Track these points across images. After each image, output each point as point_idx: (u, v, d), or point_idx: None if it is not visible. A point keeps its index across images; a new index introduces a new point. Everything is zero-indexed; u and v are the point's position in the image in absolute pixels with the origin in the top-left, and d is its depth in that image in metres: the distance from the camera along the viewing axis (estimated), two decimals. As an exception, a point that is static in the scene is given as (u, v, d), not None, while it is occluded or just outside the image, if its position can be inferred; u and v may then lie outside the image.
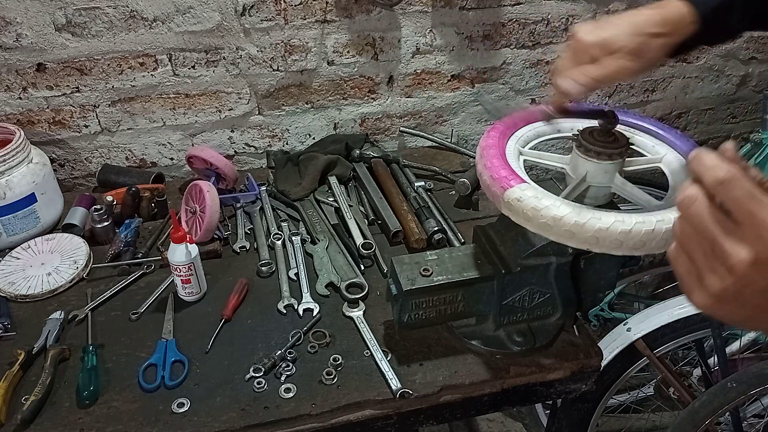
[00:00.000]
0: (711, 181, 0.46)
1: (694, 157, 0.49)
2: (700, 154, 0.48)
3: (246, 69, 1.49)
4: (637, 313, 1.46)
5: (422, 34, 1.55)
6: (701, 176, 0.47)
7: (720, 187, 0.46)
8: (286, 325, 1.10)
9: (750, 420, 1.57)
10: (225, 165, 1.39)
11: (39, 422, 0.92)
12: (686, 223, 0.49)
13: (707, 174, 0.47)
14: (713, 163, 0.47)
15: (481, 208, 1.41)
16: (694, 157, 0.49)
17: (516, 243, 0.94)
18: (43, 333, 1.05)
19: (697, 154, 0.48)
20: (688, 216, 0.49)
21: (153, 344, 1.05)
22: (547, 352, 1.04)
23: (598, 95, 1.80)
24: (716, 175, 0.46)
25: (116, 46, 1.39)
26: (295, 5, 1.43)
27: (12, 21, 1.31)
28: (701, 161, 0.48)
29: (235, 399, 0.96)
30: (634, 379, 1.66)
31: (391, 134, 1.71)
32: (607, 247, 0.77)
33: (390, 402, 0.97)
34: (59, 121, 1.46)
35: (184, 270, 1.10)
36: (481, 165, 0.89)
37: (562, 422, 1.21)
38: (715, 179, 0.46)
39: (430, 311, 0.98)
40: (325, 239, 1.29)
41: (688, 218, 0.49)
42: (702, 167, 0.47)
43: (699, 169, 0.48)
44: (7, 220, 1.25)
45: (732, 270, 0.45)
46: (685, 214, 0.49)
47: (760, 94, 1.92)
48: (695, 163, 0.48)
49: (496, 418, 2.00)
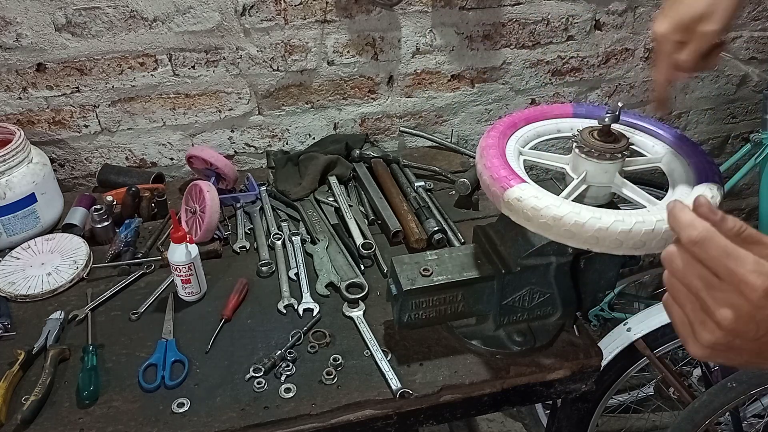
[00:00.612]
0: (686, 241, 0.48)
1: (669, 211, 0.50)
2: (675, 210, 0.49)
3: (246, 69, 1.49)
4: (637, 313, 1.46)
5: (422, 34, 1.55)
6: (678, 234, 0.49)
7: (695, 247, 0.47)
8: (286, 325, 1.10)
9: (750, 420, 1.57)
10: (225, 165, 1.39)
11: (39, 422, 0.92)
12: (672, 278, 0.50)
13: (682, 233, 0.48)
14: (687, 222, 0.48)
15: (481, 208, 1.41)
16: (670, 213, 0.50)
17: (516, 243, 0.94)
18: (43, 333, 1.05)
19: (672, 210, 0.49)
20: (671, 271, 0.50)
21: (153, 344, 1.05)
22: (547, 352, 1.04)
23: (598, 95, 1.81)
24: (689, 235, 0.47)
25: (116, 46, 1.39)
26: (295, 5, 1.43)
27: (12, 21, 1.31)
28: (676, 218, 0.49)
29: (235, 399, 0.96)
30: (634, 379, 1.67)
31: (391, 134, 1.71)
32: (607, 247, 0.77)
33: (390, 402, 0.97)
34: (59, 121, 1.46)
35: (184, 270, 1.10)
36: (481, 165, 0.89)
37: (562, 422, 1.21)
38: (689, 239, 0.47)
39: (430, 311, 0.98)
40: (325, 239, 1.29)
41: (673, 273, 0.50)
42: (677, 225, 0.49)
43: (674, 227, 0.49)
44: (7, 220, 1.25)
45: (719, 325, 0.46)
46: (669, 269, 0.50)
47: (760, 94, 1.92)
48: (671, 220, 0.49)
49: (496, 418, 2.00)
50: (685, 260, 0.48)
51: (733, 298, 0.46)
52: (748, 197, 2.20)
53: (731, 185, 1.75)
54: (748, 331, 0.46)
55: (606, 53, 1.72)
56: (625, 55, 1.74)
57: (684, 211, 0.49)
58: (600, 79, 1.77)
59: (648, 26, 1.70)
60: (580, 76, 1.74)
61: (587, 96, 1.80)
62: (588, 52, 1.71)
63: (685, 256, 0.49)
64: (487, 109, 1.74)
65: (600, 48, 1.71)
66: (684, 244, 0.48)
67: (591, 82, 1.77)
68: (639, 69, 1.78)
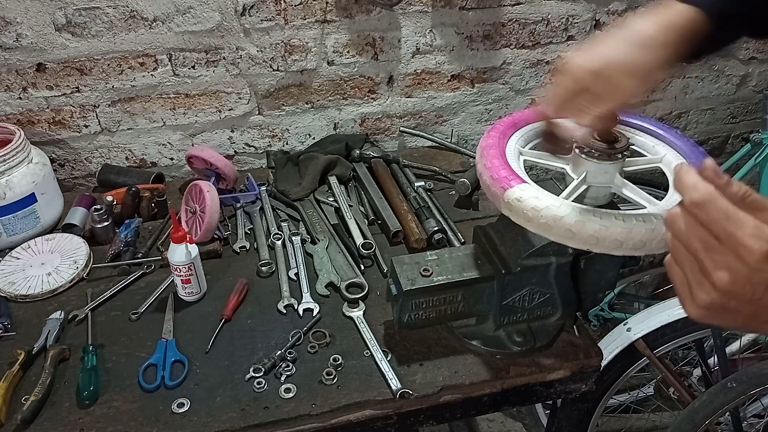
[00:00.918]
0: (688, 203, 0.48)
1: (676, 173, 0.50)
2: (680, 173, 0.50)
3: (246, 69, 1.49)
4: (637, 313, 1.46)
5: (422, 34, 1.55)
6: (682, 195, 0.49)
7: (696, 209, 0.48)
8: (286, 325, 1.10)
9: (750, 420, 1.57)
10: (225, 165, 1.39)
11: (39, 422, 0.92)
12: (674, 239, 0.51)
13: (685, 195, 0.49)
14: (691, 184, 0.48)
15: (481, 208, 1.41)
16: (676, 175, 0.50)
17: (516, 243, 0.94)
18: (43, 333, 1.05)
19: (678, 172, 0.50)
20: (673, 232, 0.50)
21: (153, 344, 1.05)
22: (547, 352, 1.04)
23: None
24: (692, 197, 0.48)
25: (116, 46, 1.39)
26: (295, 5, 1.43)
27: (12, 21, 1.31)
28: (681, 180, 0.49)
29: (235, 399, 0.96)
30: (634, 379, 1.66)
31: (391, 134, 1.71)
32: (607, 247, 0.77)
33: (390, 402, 0.97)
34: (59, 121, 1.46)
35: (184, 270, 1.10)
36: (481, 165, 0.89)
37: (562, 422, 1.21)
38: (691, 201, 0.48)
39: (430, 311, 0.98)
40: (325, 239, 1.29)
41: (675, 234, 0.50)
42: (681, 187, 0.49)
43: (679, 188, 0.50)
44: (7, 220, 1.25)
45: (715, 286, 0.47)
46: (671, 230, 0.51)
47: (760, 94, 1.92)
48: (676, 182, 0.50)
49: (496, 418, 2.00)
50: (687, 222, 0.49)
51: (731, 261, 0.46)
52: (748, 197, 2.20)
53: (731, 185, 1.75)
54: (744, 294, 0.46)
55: (606, 53, 1.72)
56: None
57: (689, 173, 0.49)
58: (600, 79, 1.77)
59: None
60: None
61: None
62: (588, 52, 1.70)
63: (687, 218, 0.49)
64: (487, 109, 1.74)
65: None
66: (686, 206, 0.49)
67: (591, 82, 1.77)
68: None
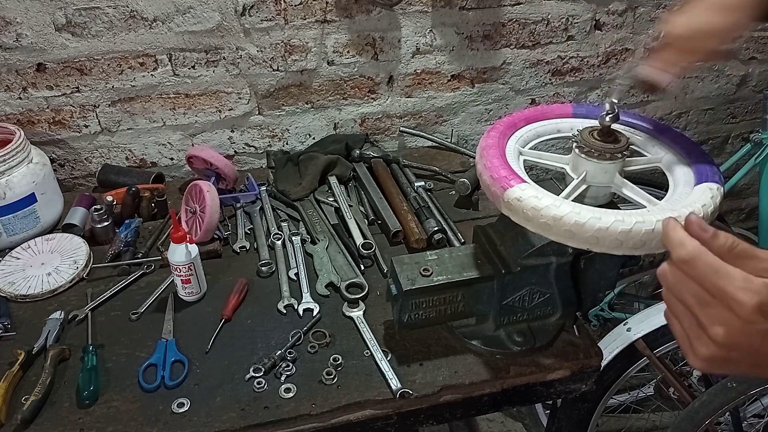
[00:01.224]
0: (676, 260, 0.49)
1: (663, 229, 0.52)
2: (667, 228, 0.51)
3: (246, 69, 1.49)
4: (637, 313, 1.46)
5: (422, 34, 1.55)
6: (670, 252, 0.50)
7: (685, 266, 0.49)
8: (286, 325, 1.10)
9: (750, 420, 1.57)
10: (225, 165, 1.39)
11: (39, 422, 0.92)
12: (669, 293, 0.52)
13: (673, 252, 0.50)
14: (678, 241, 0.49)
15: (481, 208, 1.41)
16: (663, 230, 0.52)
17: (516, 243, 0.94)
18: (43, 333, 1.05)
19: (665, 228, 0.51)
20: (667, 287, 0.51)
21: (153, 344, 1.05)
22: (547, 352, 1.04)
23: (598, 95, 1.81)
24: (679, 254, 0.49)
25: (116, 46, 1.39)
26: (295, 5, 1.43)
27: (12, 21, 1.31)
28: (667, 236, 0.51)
29: (235, 399, 0.96)
30: (634, 379, 1.66)
31: (391, 134, 1.71)
32: (607, 247, 0.77)
33: (390, 402, 0.97)
34: (59, 121, 1.46)
35: (184, 270, 1.10)
36: (481, 165, 0.89)
37: (562, 422, 1.21)
38: (678, 259, 0.49)
39: (430, 311, 0.98)
40: (325, 239, 1.29)
41: (668, 289, 0.51)
42: (668, 243, 0.51)
43: (666, 245, 0.51)
44: (7, 220, 1.25)
45: (713, 341, 0.48)
46: (665, 285, 0.52)
47: (760, 94, 1.92)
48: (663, 238, 0.51)
49: (496, 418, 2.00)
50: (678, 277, 0.50)
51: (725, 315, 0.47)
52: (748, 197, 2.20)
53: (731, 185, 1.75)
54: (742, 346, 0.47)
55: (606, 53, 1.72)
56: (625, 55, 1.74)
57: (675, 230, 0.50)
58: (600, 79, 1.77)
59: (649, 26, 1.70)
60: (580, 76, 1.74)
61: (587, 96, 1.80)
62: (588, 52, 1.71)
63: (677, 274, 0.50)
64: (487, 109, 1.74)
65: (600, 48, 1.71)
66: (675, 263, 0.50)
67: (591, 82, 1.77)
68: (639, 69, 1.78)
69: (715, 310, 0.47)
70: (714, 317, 0.47)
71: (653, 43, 0.84)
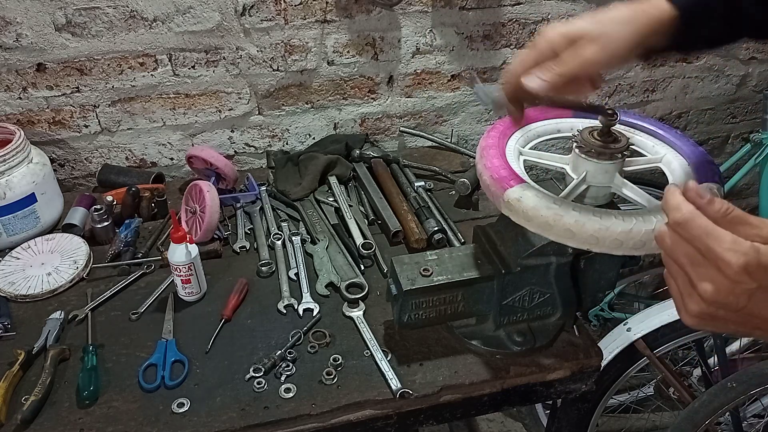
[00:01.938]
0: (672, 222, 0.53)
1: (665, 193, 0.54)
2: (667, 194, 0.54)
3: (246, 69, 1.49)
4: (637, 313, 1.46)
5: (422, 34, 1.55)
6: (667, 215, 0.53)
7: (679, 228, 0.52)
8: (286, 325, 1.10)
9: (750, 420, 1.57)
10: (225, 165, 1.39)
11: (39, 422, 0.92)
12: (665, 255, 0.55)
13: (669, 215, 0.53)
14: (675, 204, 0.52)
15: (481, 208, 1.41)
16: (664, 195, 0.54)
17: (516, 243, 0.94)
18: (43, 333, 1.05)
19: (666, 193, 0.54)
20: (663, 249, 0.55)
21: (153, 344, 1.05)
22: (547, 352, 1.04)
23: (598, 95, 1.80)
24: (674, 217, 0.52)
25: (116, 46, 1.39)
26: (295, 5, 1.43)
27: (12, 21, 1.31)
28: (666, 201, 0.54)
29: (235, 399, 0.96)
30: (634, 379, 1.67)
31: (391, 134, 1.71)
32: (607, 247, 0.77)
33: (390, 402, 0.97)
34: (59, 121, 1.46)
35: (184, 270, 1.10)
36: (481, 165, 0.89)
37: (562, 422, 1.21)
38: (673, 221, 0.52)
39: (430, 311, 0.98)
40: (325, 239, 1.29)
41: (665, 251, 0.55)
42: (666, 207, 0.53)
43: (664, 208, 0.54)
44: (7, 220, 1.25)
45: (702, 297, 0.51)
46: (661, 247, 0.55)
47: (760, 94, 1.92)
48: (663, 202, 0.54)
49: (496, 418, 2.00)
50: (673, 239, 0.53)
51: (713, 274, 0.50)
52: (748, 197, 2.20)
53: (731, 185, 1.75)
54: (729, 304, 0.50)
55: (606, 53, 1.72)
56: (625, 55, 1.74)
57: (673, 194, 0.53)
58: (600, 79, 1.77)
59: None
60: (580, 76, 1.74)
61: (587, 96, 1.80)
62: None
63: (673, 236, 0.53)
64: (487, 109, 1.74)
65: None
66: (671, 225, 0.53)
67: (591, 82, 1.77)
68: (639, 69, 1.78)
69: (704, 269, 0.50)
70: (704, 275, 0.50)
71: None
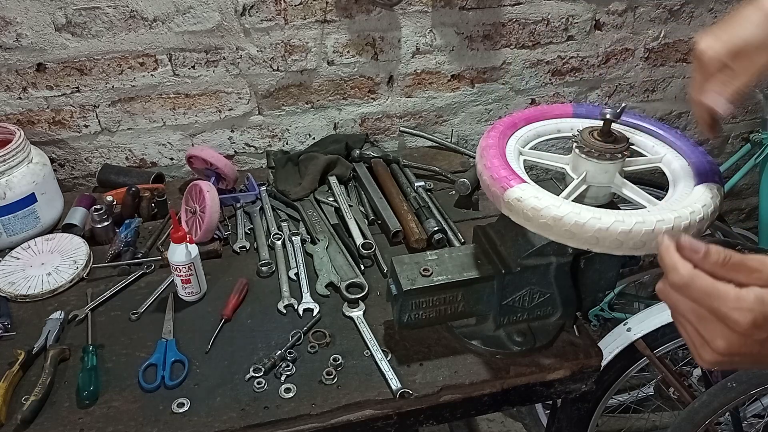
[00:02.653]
0: (671, 285, 0.52)
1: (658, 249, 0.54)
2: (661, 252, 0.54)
3: (246, 69, 1.49)
4: (637, 313, 1.46)
5: (422, 34, 1.55)
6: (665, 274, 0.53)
7: (680, 291, 0.52)
8: (286, 325, 1.10)
9: (750, 420, 1.57)
10: (225, 165, 1.39)
11: (39, 422, 0.92)
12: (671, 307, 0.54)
13: (668, 277, 0.53)
14: (671, 265, 0.52)
15: (481, 208, 1.41)
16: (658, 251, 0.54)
17: (516, 243, 0.94)
18: (43, 333, 1.05)
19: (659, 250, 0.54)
20: (668, 305, 0.54)
21: (153, 344, 1.05)
22: (547, 352, 1.04)
23: (598, 95, 1.81)
24: (673, 280, 0.52)
25: (116, 46, 1.39)
26: (295, 5, 1.43)
27: (12, 21, 1.31)
28: (662, 261, 0.53)
29: (235, 399, 0.96)
30: (634, 379, 1.66)
31: (391, 134, 1.71)
32: (607, 247, 0.77)
33: (390, 402, 0.97)
34: (59, 121, 1.46)
35: (184, 270, 1.10)
36: (481, 165, 0.89)
37: (562, 422, 1.21)
38: (673, 284, 0.52)
39: (430, 311, 0.98)
40: (325, 239, 1.29)
41: (669, 306, 0.54)
42: (663, 266, 0.53)
43: (661, 267, 0.54)
44: (7, 220, 1.25)
45: (716, 351, 0.51)
46: (665, 302, 0.54)
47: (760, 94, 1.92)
48: (659, 260, 0.54)
49: (496, 418, 2.00)
50: (676, 298, 0.53)
51: (723, 330, 0.50)
52: (748, 197, 2.20)
53: (731, 185, 1.75)
54: (744, 353, 0.50)
55: (606, 53, 1.72)
56: (625, 55, 1.74)
57: (668, 254, 0.53)
58: (600, 79, 1.77)
59: (649, 26, 1.70)
60: (580, 76, 1.74)
61: (587, 96, 1.80)
62: (588, 52, 1.71)
63: (675, 295, 0.53)
64: (487, 109, 1.74)
65: (600, 48, 1.71)
66: (671, 287, 0.53)
67: (591, 82, 1.77)
68: (639, 69, 1.78)
69: (713, 326, 0.50)
70: (713, 332, 0.50)
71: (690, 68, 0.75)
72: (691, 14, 1.71)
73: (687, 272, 0.51)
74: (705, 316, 0.50)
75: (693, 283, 0.50)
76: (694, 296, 0.51)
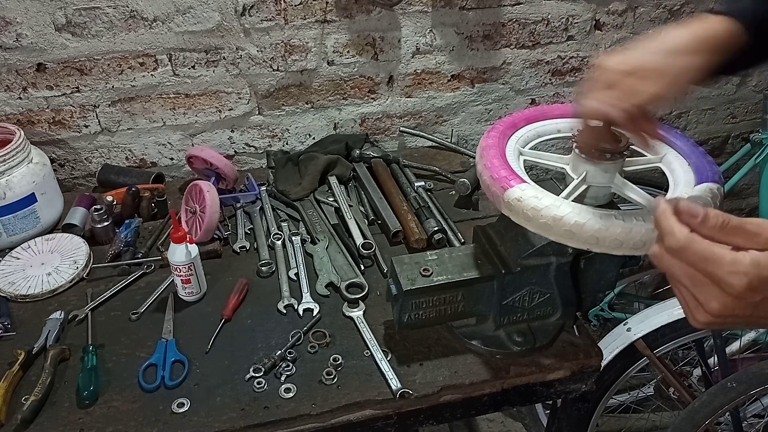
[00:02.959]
0: (667, 250, 0.53)
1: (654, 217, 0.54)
2: (657, 218, 0.54)
3: (246, 69, 1.49)
4: (637, 313, 1.46)
5: (422, 34, 1.55)
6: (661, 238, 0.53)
7: (676, 255, 0.52)
8: (286, 325, 1.10)
9: (750, 420, 1.57)
10: (225, 165, 1.39)
11: (39, 422, 0.92)
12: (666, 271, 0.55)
13: (664, 240, 0.53)
14: (668, 229, 0.52)
15: (481, 208, 1.41)
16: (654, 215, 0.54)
17: (516, 243, 0.94)
18: (43, 333, 1.05)
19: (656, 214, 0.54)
20: (662, 269, 0.54)
21: (153, 344, 1.05)
22: (547, 352, 1.04)
23: (598, 95, 1.80)
24: (669, 244, 0.52)
25: (116, 46, 1.39)
26: (295, 5, 1.43)
27: (12, 21, 1.31)
28: (659, 225, 0.53)
29: (235, 399, 0.96)
30: (634, 379, 1.66)
31: (391, 134, 1.71)
32: (607, 247, 0.77)
33: (390, 402, 0.97)
34: (59, 121, 1.46)
35: (184, 270, 1.10)
36: (481, 165, 0.89)
37: (562, 422, 1.21)
38: (669, 248, 0.52)
39: (430, 311, 0.98)
40: (325, 239, 1.29)
41: (664, 270, 0.54)
42: (660, 231, 0.53)
43: (659, 232, 0.54)
44: (7, 220, 1.25)
45: (710, 313, 0.51)
46: (659, 267, 0.54)
47: (760, 94, 1.92)
48: (656, 225, 0.54)
49: (496, 418, 2.00)
50: (671, 262, 0.53)
51: (717, 293, 0.50)
52: (748, 197, 2.20)
53: (731, 185, 1.75)
54: (737, 314, 0.51)
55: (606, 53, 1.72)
56: (625, 55, 1.74)
57: (665, 217, 0.53)
58: (600, 79, 1.77)
59: (649, 26, 1.70)
60: (580, 76, 1.74)
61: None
62: (588, 52, 1.71)
63: (671, 259, 0.53)
64: (487, 109, 1.74)
65: (600, 48, 1.71)
66: (667, 251, 0.53)
67: (591, 82, 1.77)
68: (639, 69, 1.78)
69: (708, 289, 0.50)
70: (708, 294, 0.51)
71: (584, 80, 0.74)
72: (691, 14, 1.71)
73: (683, 237, 0.51)
74: (700, 280, 0.51)
75: (689, 248, 0.50)
76: (690, 260, 0.51)
